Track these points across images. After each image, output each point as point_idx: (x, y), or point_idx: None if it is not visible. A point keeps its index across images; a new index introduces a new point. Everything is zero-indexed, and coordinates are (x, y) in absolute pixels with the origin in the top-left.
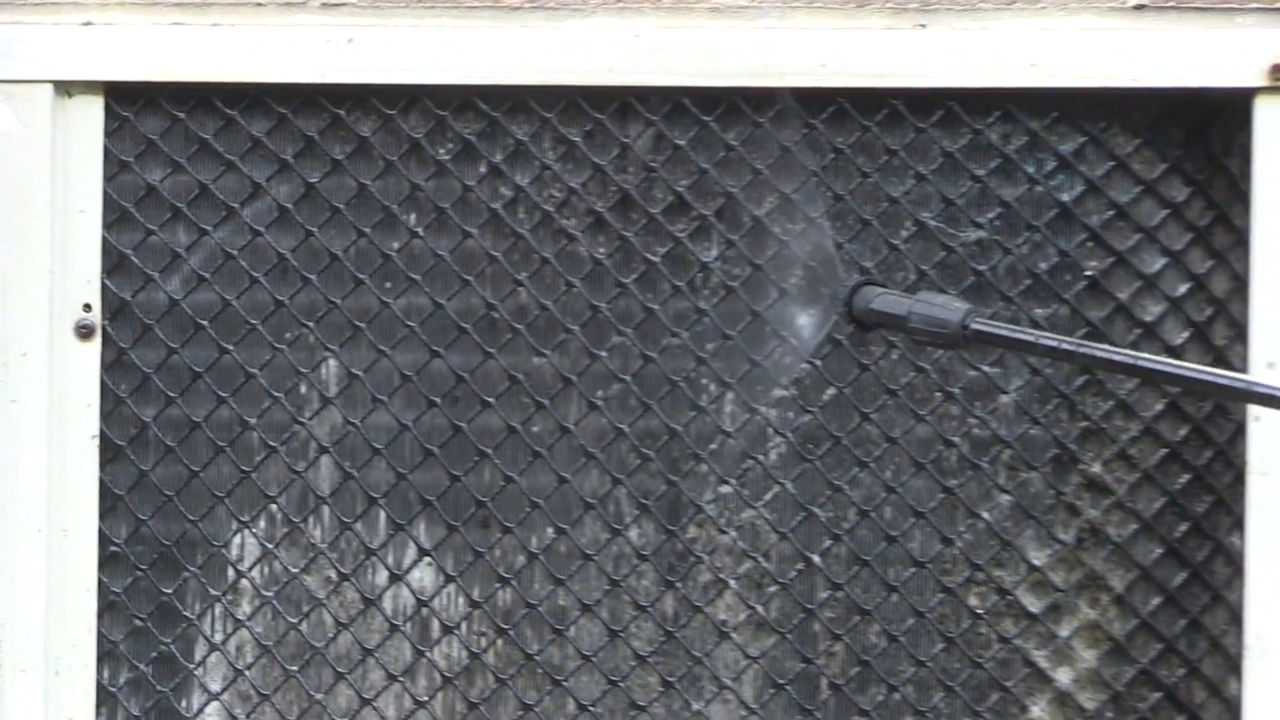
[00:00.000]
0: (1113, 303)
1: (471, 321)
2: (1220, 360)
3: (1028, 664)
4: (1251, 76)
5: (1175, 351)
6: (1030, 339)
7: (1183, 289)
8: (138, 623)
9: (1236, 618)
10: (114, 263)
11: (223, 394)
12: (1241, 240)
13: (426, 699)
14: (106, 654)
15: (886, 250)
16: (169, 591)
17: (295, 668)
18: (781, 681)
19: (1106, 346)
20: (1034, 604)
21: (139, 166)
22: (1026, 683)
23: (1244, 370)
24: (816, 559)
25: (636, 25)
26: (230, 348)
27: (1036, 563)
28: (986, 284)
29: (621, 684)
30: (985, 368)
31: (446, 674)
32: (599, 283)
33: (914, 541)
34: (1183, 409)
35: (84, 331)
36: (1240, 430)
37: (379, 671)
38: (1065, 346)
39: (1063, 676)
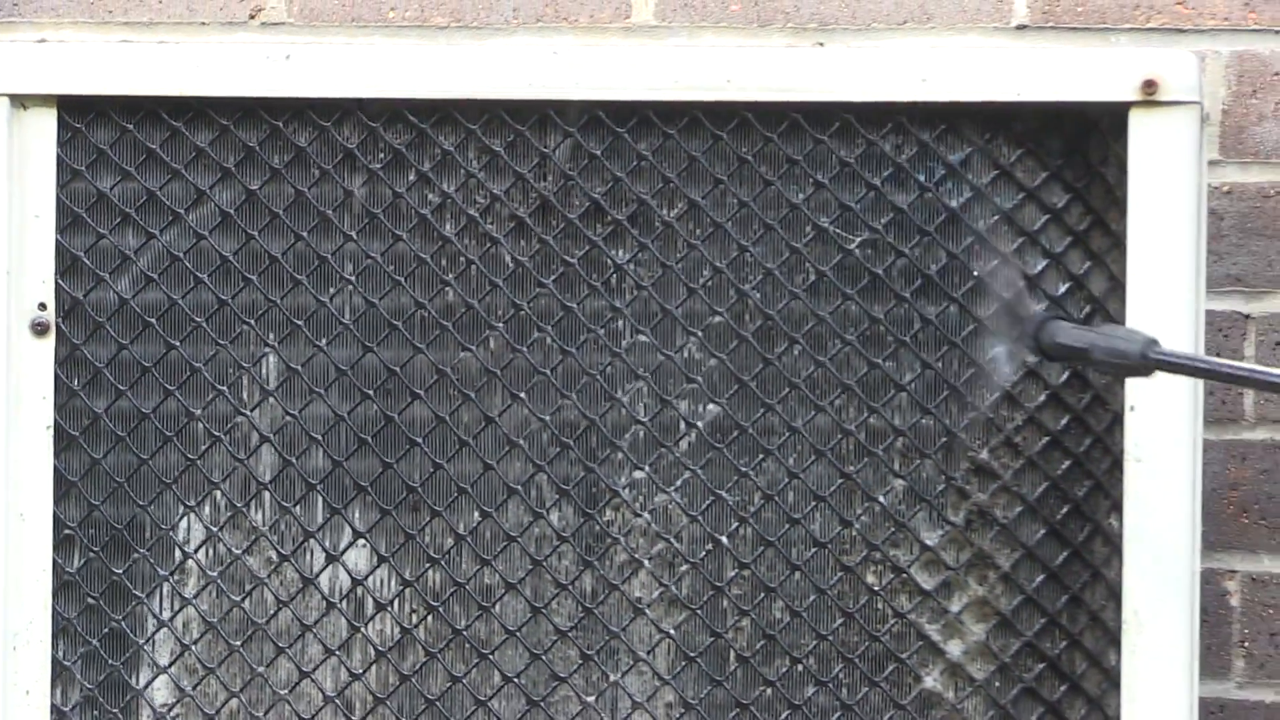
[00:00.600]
0: None
1: (402, 319)
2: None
3: (921, 637)
4: (1126, 91)
5: None
6: (1209, 366)
7: (1063, 288)
8: (90, 601)
9: (1115, 594)
10: (67, 264)
11: (169, 387)
12: (1118, 243)
13: (361, 671)
14: (61, 630)
15: (788, 252)
16: (119, 572)
17: (238, 643)
18: (692, 654)
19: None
20: (927, 581)
21: (90, 174)
22: (920, 654)
23: None
24: (725, 540)
25: (555, 43)
26: (176, 344)
27: (929, 543)
28: (881, 284)
29: (544, 657)
30: (881, 361)
31: (380, 648)
32: (520, 283)
33: (815, 523)
34: (1064, 399)
35: (39, 329)
36: (1117, 419)
37: (317, 646)
38: (1241, 373)
39: (954, 648)
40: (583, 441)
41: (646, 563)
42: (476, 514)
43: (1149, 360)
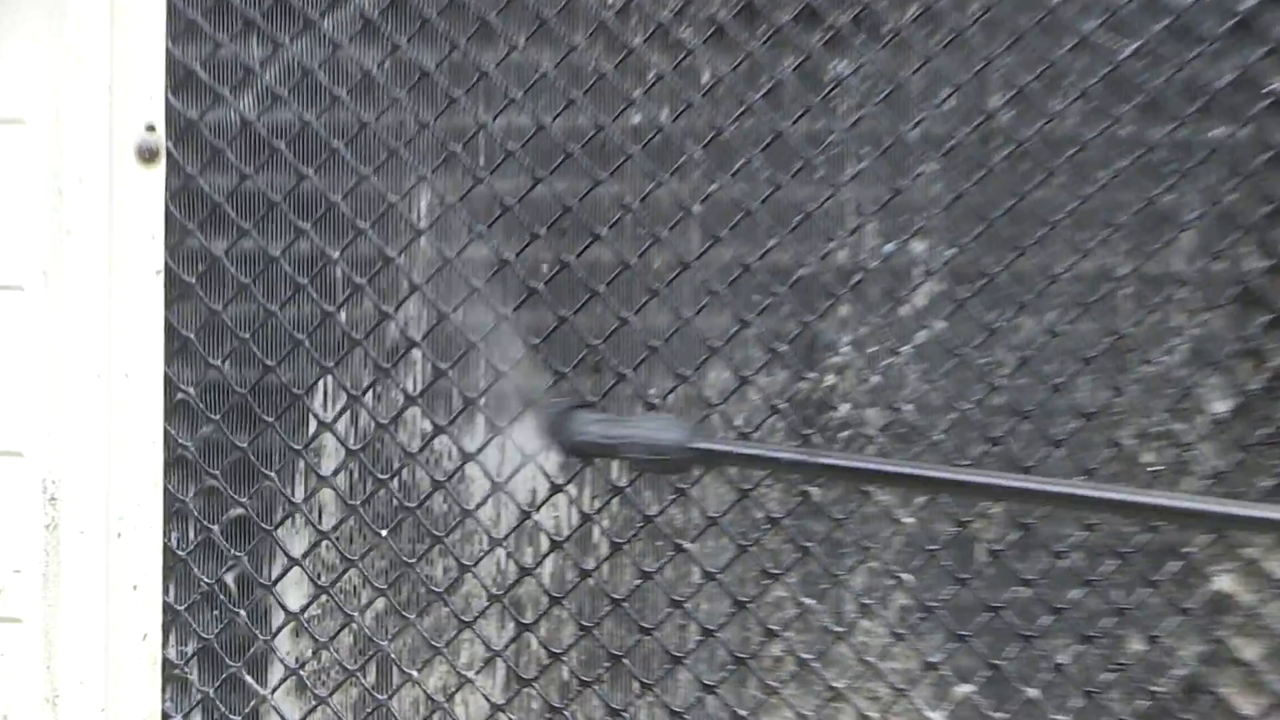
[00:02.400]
0: None
1: (579, 144)
2: None
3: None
4: None
5: None
6: (756, 453)
7: None
8: (208, 479)
9: None
10: (179, 79)
11: (302, 224)
12: None
13: (533, 566)
14: (174, 514)
15: (1045, 65)
16: (242, 445)
17: (384, 531)
18: (933, 547)
19: (833, 454)
20: (1217, 462)
21: None
22: (1210, 551)
23: None
24: (970, 410)
25: None
26: (309, 172)
27: (1219, 415)
28: (1158, 102)
29: (750, 547)
30: (1159, 195)
31: (555, 537)
32: (720, 101)
33: (1079, 391)
34: None
35: (146, 155)
36: None
37: (478, 533)
38: (794, 458)
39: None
40: (798, 291)
41: (877, 436)
42: (670, 377)
43: (687, 452)
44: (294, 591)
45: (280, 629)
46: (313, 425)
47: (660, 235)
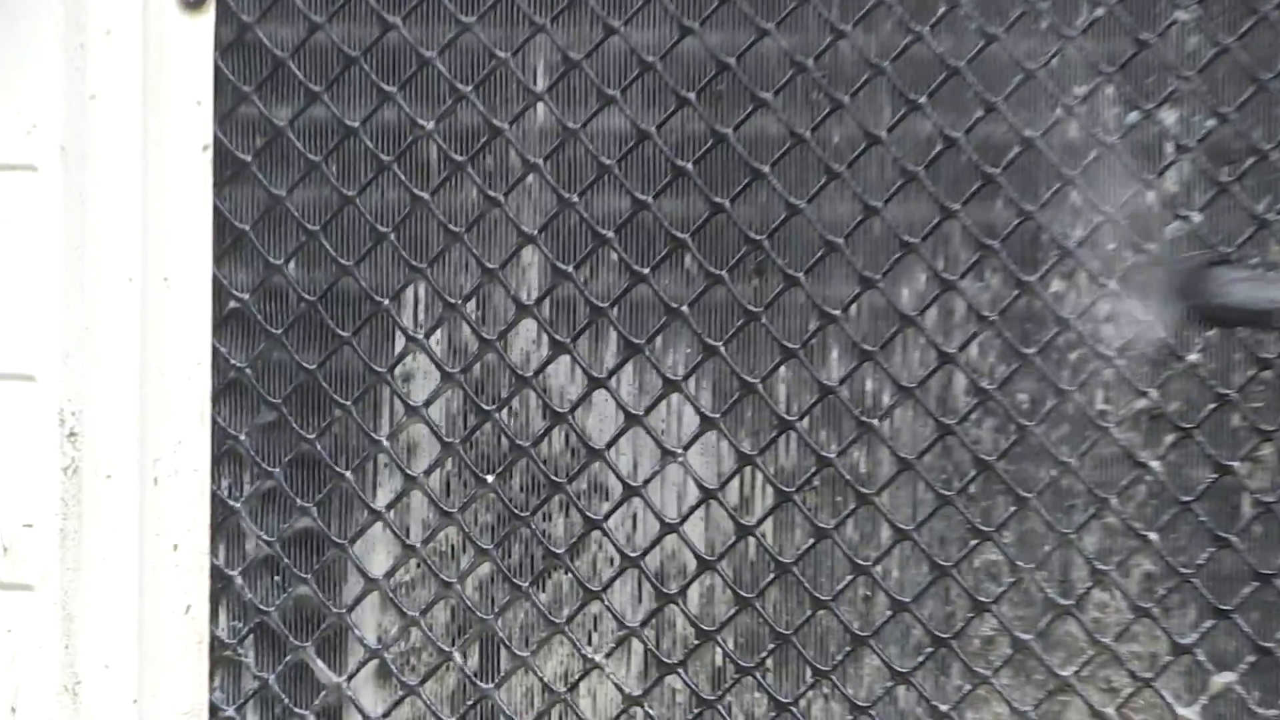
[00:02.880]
0: None
1: None
2: None
3: None
4: None
5: None
6: None
7: None
8: (268, 410)
9: None
10: None
11: (387, 87)
12: None
13: (678, 521)
14: (225, 454)
15: None
16: (311, 366)
17: (490, 477)
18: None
19: None
20: None
21: None
22: None
23: None
24: None
25: None
26: (396, 20)
27: None
28: None
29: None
30: None
31: (707, 485)
32: None
33: None
34: None
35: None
36: None
37: (610, 480)
38: None
39: None
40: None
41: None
42: (853, 283)
43: None
44: (377, 553)
45: (359, 600)
46: (400, 342)
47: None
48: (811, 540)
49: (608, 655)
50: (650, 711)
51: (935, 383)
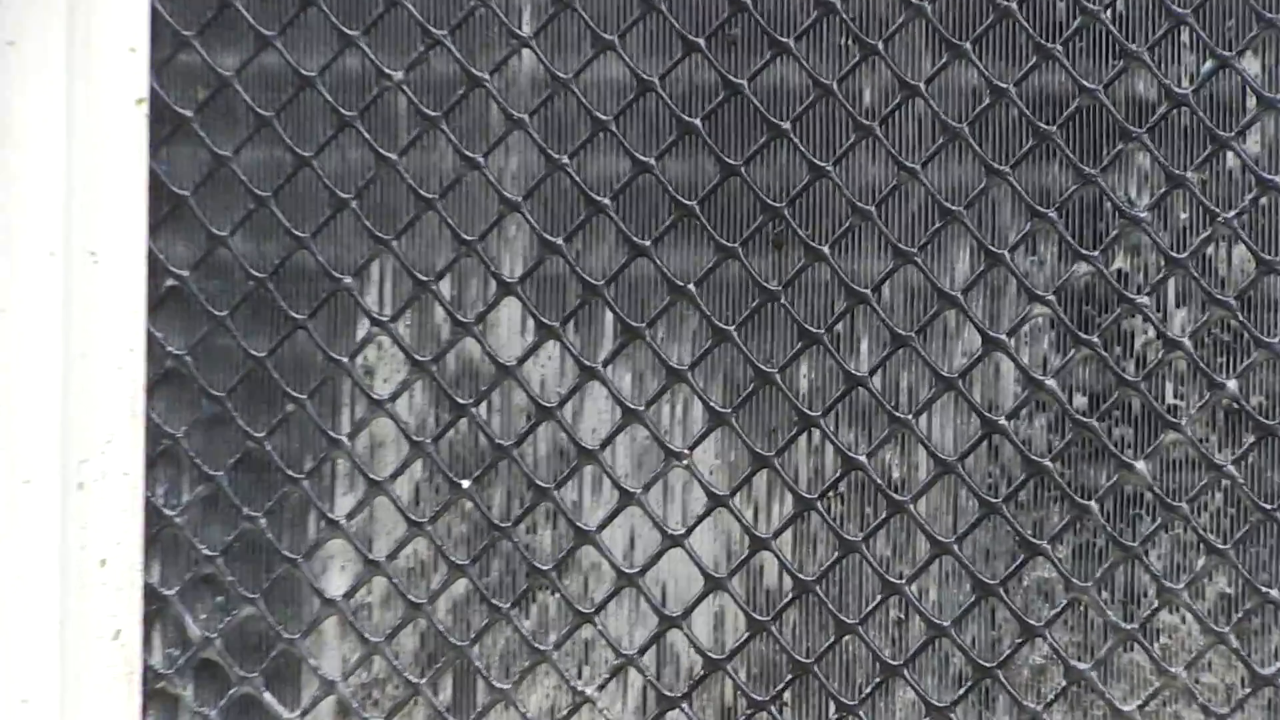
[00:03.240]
0: None
1: None
2: None
3: None
4: None
5: None
6: None
7: None
8: (211, 405)
9: None
10: None
11: (349, 31)
12: None
13: (682, 534)
14: (161, 455)
15: None
16: (260, 354)
17: (466, 482)
18: None
19: None
20: None
21: None
22: None
23: None
24: None
25: None
26: None
27: None
28: None
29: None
30: None
31: (715, 489)
32: None
33: None
34: None
35: None
36: None
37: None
38: None
39: None
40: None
41: None
42: (887, 258)
43: None
44: (335, 570)
45: (315, 624)
46: (363, 326)
47: None
48: (836, 555)
49: (600, 688)
50: None
51: (979, 373)
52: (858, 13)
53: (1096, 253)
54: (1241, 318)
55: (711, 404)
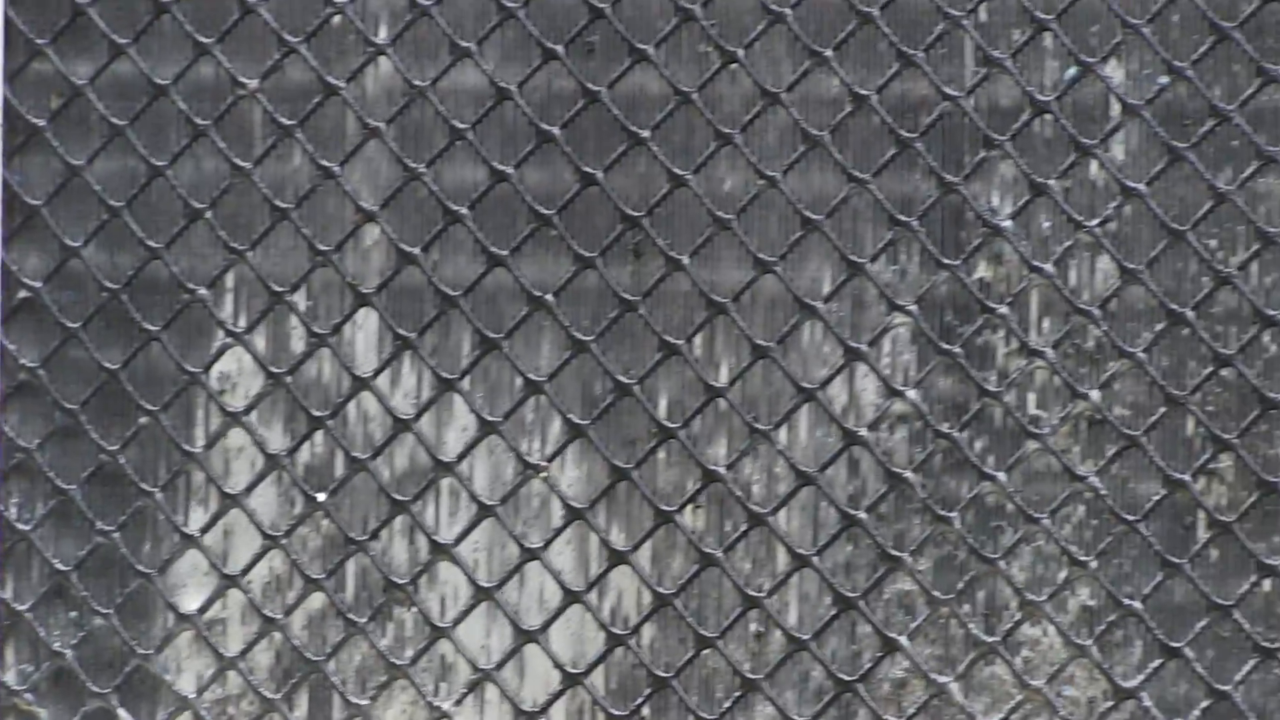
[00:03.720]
0: None
1: None
2: None
3: None
4: None
5: None
6: None
7: None
8: (64, 417)
9: None
10: None
11: (204, 39)
12: None
13: (540, 546)
14: (13, 469)
15: None
16: (114, 367)
17: (322, 495)
18: None
19: None
20: None
21: None
22: None
23: None
24: None
25: None
26: None
27: None
28: None
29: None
30: None
31: (573, 501)
32: None
33: None
34: None
35: None
36: None
37: (462, 498)
38: None
39: None
40: None
41: None
42: (746, 268)
43: None
44: (190, 585)
45: (169, 640)
46: (218, 338)
47: None
48: (696, 568)
49: (458, 703)
50: None
51: (839, 383)
52: (718, 20)
53: (959, 261)
54: (1104, 327)
55: (569, 416)
